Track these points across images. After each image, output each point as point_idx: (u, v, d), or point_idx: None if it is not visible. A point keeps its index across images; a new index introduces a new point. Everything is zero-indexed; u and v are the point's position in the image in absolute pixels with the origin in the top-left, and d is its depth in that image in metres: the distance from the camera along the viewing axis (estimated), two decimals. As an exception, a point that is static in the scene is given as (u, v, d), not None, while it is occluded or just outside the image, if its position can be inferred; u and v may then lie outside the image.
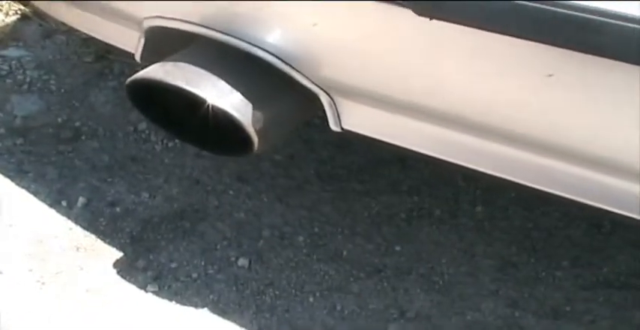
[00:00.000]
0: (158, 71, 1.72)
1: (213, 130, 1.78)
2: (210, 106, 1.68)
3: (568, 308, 2.06)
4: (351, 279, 2.10)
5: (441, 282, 2.11)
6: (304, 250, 2.16)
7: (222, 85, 1.69)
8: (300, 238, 2.19)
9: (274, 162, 2.39)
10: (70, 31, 2.81)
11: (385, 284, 2.10)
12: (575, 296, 2.09)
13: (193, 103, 1.70)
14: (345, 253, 2.16)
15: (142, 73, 1.75)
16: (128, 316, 1.98)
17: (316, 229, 2.22)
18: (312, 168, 2.39)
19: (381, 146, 2.18)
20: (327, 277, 2.11)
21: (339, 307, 2.04)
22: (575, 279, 2.12)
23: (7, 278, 2.06)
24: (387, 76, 1.59)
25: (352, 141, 2.46)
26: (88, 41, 2.78)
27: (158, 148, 2.44)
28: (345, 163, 2.42)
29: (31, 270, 2.08)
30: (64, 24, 2.61)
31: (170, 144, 2.45)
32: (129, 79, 1.77)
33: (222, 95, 1.68)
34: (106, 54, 2.74)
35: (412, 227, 2.24)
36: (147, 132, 2.48)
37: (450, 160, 1.63)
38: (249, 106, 1.68)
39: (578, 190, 1.57)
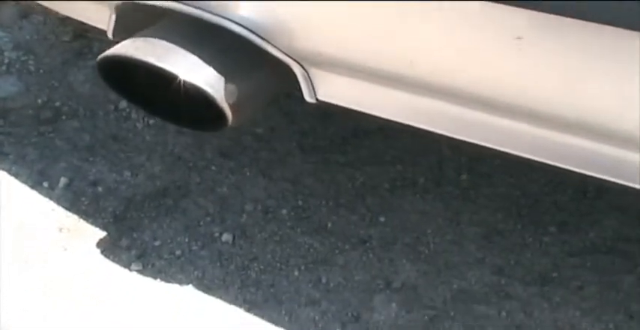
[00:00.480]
0: (128, 48, 1.70)
1: (187, 106, 1.76)
2: (182, 82, 1.65)
3: (555, 274, 2.05)
4: (336, 251, 2.09)
5: (426, 251, 2.11)
6: (288, 224, 2.15)
7: (194, 59, 1.67)
8: (284, 212, 2.18)
9: (256, 136, 2.38)
10: (47, 11, 2.78)
11: (370, 255, 2.09)
12: (563, 262, 2.08)
13: (166, 79, 1.68)
14: (329, 225, 2.15)
15: (112, 50, 1.72)
16: (113, 296, 1.97)
17: (300, 202, 2.20)
18: (294, 140, 2.37)
19: (360, 117, 2.18)
20: (311, 250, 2.10)
21: (324, 280, 2.03)
22: (563, 245, 2.11)
23: (-11, 260, 2.05)
24: (360, 44, 1.56)
25: (333, 112, 2.44)
26: (66, 20, 2.75)
27: (139, 126, 2.42)
28: (327, 134, 2.40)
29: (13, 252, 2.07)
30: (39, 4, 2.59)
31: (151, 121, 2.43)
32: (99, 57, 1.75)
33: (193, 70, 1.66)
34: (84, 33, 2.71)
35: (396, 197, 2.23)
36: (127, 110, 2.46)
37: (427, 129, 1.61)
38: (222, 80, 1.66)
39: (562, 158, 1.55)
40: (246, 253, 2.09)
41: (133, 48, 1.68)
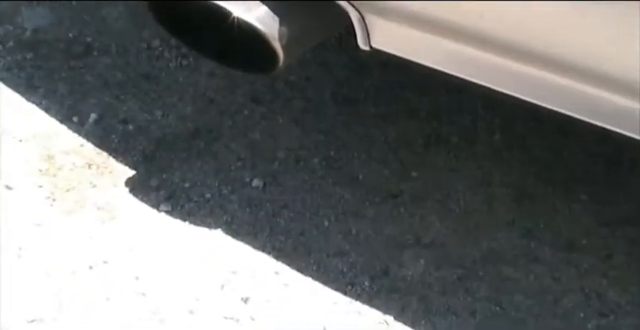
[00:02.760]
0: (182, -17, 1.66)
1: (238, 45, 1.72)
2: (235, 19, 1.62)
3: (584, 242, 2.04)
4: (367, 203, 2.07)
5: (457, 210, 2.09)
6: (319, 173, 2.13)
7: (248, -3, 1.63)
8: (316, 161, 2.16)
9: (289, 83, 2.34)
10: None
11: (401, 210, 2.07)
12: (592, 230, 2.06)
13: (217, 16, 1.64)
14: (360, 177, 2.13)
15: (166, -15, 1.68)
16: (140, 235, 1.96)
17: (332, 153, 2.18)
18: (328, 90, 2.34)
19: (401, 70, 2.15)
20: (342, 200, 2.08)
21: (354, 232, 2.01)
22: (593, 214, 2.10)
23: (17, 194, 2.03)
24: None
25: (369, 64, 2.41)
26: (101, -46, 2.70)
27: (172, 65, 2.39)
28: (362, 86, 2.37)
29: (41, 186, 2.05)
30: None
31: (184, 62, 2.39)
32: (150, -7, 1.71)
33: (248, 8, 1.62)
34: (119, -32, 2.66)
35: (429, 153, 2.21)
36: (160, 49, 2.42)
37: (480, 83, 1.58)
38: (276, 19, 1.63)
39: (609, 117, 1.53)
40: (276, 200, 2.07)
41: (188, -17, 1.64)
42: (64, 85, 2.31)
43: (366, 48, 1.65)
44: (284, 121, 2.26)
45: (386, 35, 1.64)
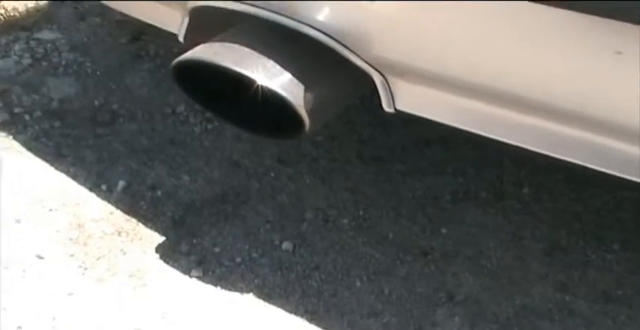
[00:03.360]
0: (206, 52, 1.68)
1: (262, 112, 1.73)
2: (259, 87, 1.63)
3: (620, 292, 2.02)
4: (398, 262, 2.07)
5: (489, 265, 2.07)
6: (349, 233, 2.13)
7: (272, 65, 1.65)
8: (345, 221, 2.16)
9: (315, 143, 2.35)
10: (104, 13, 2.78)
11: (432, 267, 2.06)
12: (627, 280, 2.04)
13: (241, 84, 1.66)
14: (390, 235, 2.13)
15: (190, 54, 1.71)
16: (172, 301, 1.95)
17: (361, 212, 2.18)
18: (353, 149, 2.35)
19: (425, 126, 2.15)
20: (373, 260, 2.07)
21: (386, 291, 2.00)
22: (626, 262, 2.08)
23: (48, 263, 2.03)
24: (445, 55, 1.54)
25: (393, 121, 2.42)
26: (123, 23, 2.75)
27: (197, 130, 2.41)
28: (387, 143, 2.37)
29: (72, 255, 2.06)
30: (99, 6, 2.58)
31: (209, 126, 2.41)
32: (175, 61, 1.73)
33: (272, 76, 1.64)
34: (140, 35, 2.71)
35: (458, 209, 2.20)
36: (185, 114, 2.45)
37: (510, 142, 1.58)
38: (300, 86, 1.64)
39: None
40: (307, 261, 2.06)
41: (212, 52, 1.66)
42: (92, 153, 2.33)
43: (391, 110, 1.66)
44: (311, 181, 2.27)
45: (410, 97, 1.65)
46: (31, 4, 2.83)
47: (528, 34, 1.46)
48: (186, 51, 1.81)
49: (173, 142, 2.37)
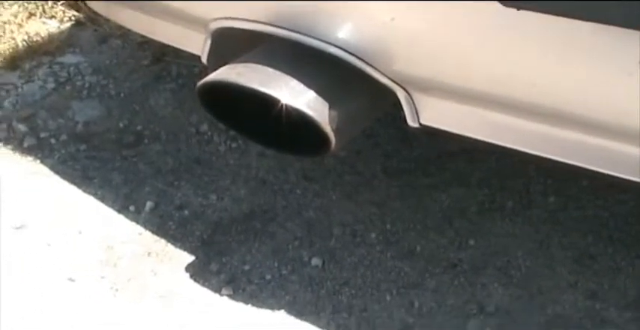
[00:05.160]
0: (230, 73, 1.70)
1: (287, 131, 1.75)
2: (284, 106, 1.64)
3: (651, 299, 2.01)
4: (427, 275, 2.07)
5: (518, 275, 2.07)
6: (377, 248, 2.13)
7: (296, 84, 1.66)
8: (373, 235, 2.16)
9: (339, 159, 2.36)
10: (125, 36, 2.80)
11: (462, 279, 2.06)
12: (658, 287, 2.03)
13: (266, 103, 1.67)
14: (418, 248, 2.13)
15: (214, 76, 1.72)
16: (205, 321, 1.96)
17: (388, 226, 2.18)
18: (378, 163, 2.36)
19: (448, 139, 2.16)
20: (402, 273, 2.07)
21: (417, 304, 2.01)
22: (656, 268, 2.07)
23: (80, 286, 2.05)
24: (468, 69, 1.55)
25: (416, 134, 2.43)
26: (144, 44, 2.77)
27: (222, 149, 2.42)
28: (411, 156, 2.38)
29: (103, 277, 2.08)
30: (120, 28, 2.61)
31: (233, 145, 2.42)
32: (200, 83, 1.75)
33: (296, 95, 1.65)
34: (162, 57, 2.73)
35: (485, 220, 2.20)
36: (209, 133, 2.47)
37: (535, 154, 1.59)
38: (325, 104, 1.65)
39: None
40: (336, 277, 2.07)
41: (235, 74, 1.68)
42: (119, 175, 2.35)
43: (416, 125, 1.67)
44: (337, 196, 2.28)
45: (434, 112, 1.66)
46: (52, 29, 2.86)
47: (552, 47, 1.46)
48: (208, 71, 1.82)
49: (198, 161, 2.39)
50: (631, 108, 1.45)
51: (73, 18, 2.89)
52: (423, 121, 1.67)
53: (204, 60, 1.89)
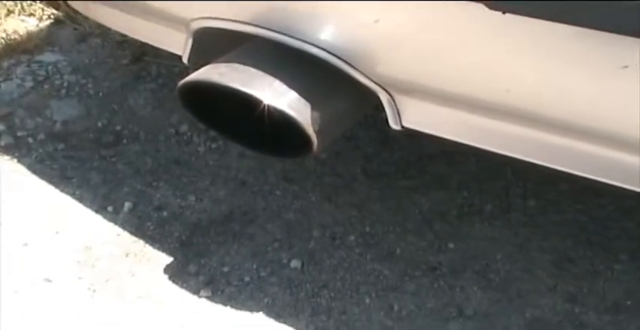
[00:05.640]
0: (212, 73, 1.68)
1: (269, 132, 1.74)
2: (266, 107, 1.63)
3: (629, 302, 2.02)
4: (407, 278, 2.07)
5: (497, 279, 2.07)
6: (357, 250, 2.13)
7: (278, 85, 1.65)
8: (352, 238, 2.16)
9: (319, 160, 2.36)
10: (105, 34, 2.79)
11: (441, 282, 2.06)
12: (636, 290, 2.04)
13: (248, 103, 1.66)
14: (398, 251, 2.13)
15: (195, 76, 1.71)
16: (183, 322, 1.95)
17: (367, 228, 2.18)
18: (358, 165, 2.35)
19: (427, 142, 2.16)
20: (381, 276, 2.07)
21: (396, 308, 2.00)
22: (635, 272, 2.08)
23: (57, 286, 2.03)
24: (452, 72, 1.54)
25: (396, 137, 2.43)
26: (124, 44, 2.76)
27: (201, 150, 2.41)
28: (392, 159, 2.38)
29: (80, 278, 2.06)
30: (99, 27, 2.59)
31: (213, 145, 2.41)
32: (181, 82, 1.74)
33: (278, 95, 1.64)
34: (142, 56, 2.71)
35: (464, 223, 2.20)
36: (189, 134, 2.45)
37: (515, 157, 1.58)
38: (307, 105, 1.64)
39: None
40: (315, 279, 2.06)
41: (217, 74, 1.66)
42: (97, 175, 2.34)
43: (398, 128, 1.66)
44: (317, 198, 2.27)
45: (417, 114, 1.65)
46: (31, 27, 2.84)
47: (535, 50, 1.46)
48: (188, 71, 1.81)
49: (178, 162, 2.37)
50: (613, 112, 1.46)
51: (52, 16, 2.87)
52: (405, 124, 1.67)
53: (185, 60, 1.88)
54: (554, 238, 2.17)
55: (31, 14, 2.89)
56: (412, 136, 2.20)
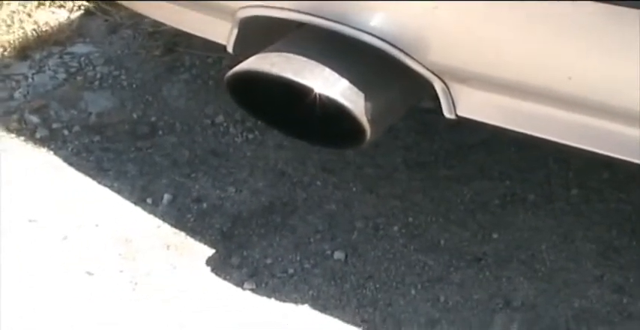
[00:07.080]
0: (263, 63, 1.66)
1: (320, 121, 1.71)
2: (317, 96, 1.61)
3: (678, 293, 1.99)
4: (452, 269, 2.04)
5: (543, 269, 2.05)
6: (400, 241, 2.11)
7: (330, 74, 1.62)
8: (395, 229, 2.13)
9: (359, 151, 2.33)
10: (136, 25, 2.77)
11: (487, 273, 2.04)
12: (684, 280, 2.01)
13: (299, 93, 1.64)
14: (442, 242, 2.11)
15: (245, 65, 1.69)
16: (227, 316, 1.93)
17: (410, 219, 2.16)
18: (398, 156, 2.33)
19: (467, 131, 2.13)
20: (426, 267, 2.05)
21: (442, 299, 1.98)
22: (682, 262, 2.05)
23: (99, 280, 2.02)
24: (511, 60, 1.51)
25: (435, 126, 2.40)
26: (155, 35, 2.74)
27: (238, 140, 2.39)
28: (431, 149, 2.36)
29: (122, 271, 2.04)
30: (130, 17, 2.57)
31: (250, 136, 2.39)
32: (229, 73, 1.71)
33: (331, 85, 1.61)
34: (174, 47, 2.70)
35: (507, 213, 2.18)
36: (225, 125, 2.43)
37: (573, 145, 1.56)
38: (360, 95, 1.62)
39: None
40: (360, 271, 2.04)
41: (269, 63, 1.64)
42: (134, 167, 2.32)
43: (452, 117, 1.63)
44: (357, 189, 2.25)
45: (471, 103, 1.62)
46: (62, 18, 2.82)
47: (593, 39, 1.44)
48: (222, 62, 1.78)
49: (215, 153, 2.35)
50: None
51: (82, 7, 2.85)
52: (459, 113, 1.64)
53: (229, 49, 1.86)
54: (598, 227, 2.14)
55: (61, 6, 2.87)
56: (452, 126, 2.20)
